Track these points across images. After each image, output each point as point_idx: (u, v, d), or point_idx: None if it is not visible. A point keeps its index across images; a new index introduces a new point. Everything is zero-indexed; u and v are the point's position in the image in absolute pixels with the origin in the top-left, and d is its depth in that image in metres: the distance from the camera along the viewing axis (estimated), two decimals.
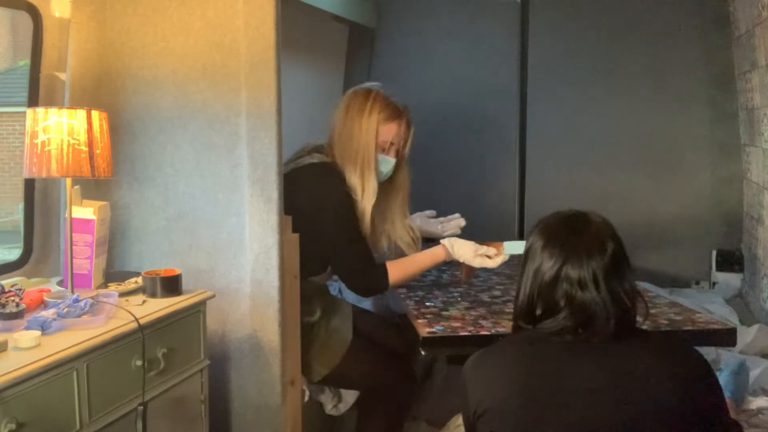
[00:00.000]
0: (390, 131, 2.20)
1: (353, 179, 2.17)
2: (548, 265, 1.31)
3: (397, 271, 2.22)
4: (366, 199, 2.18)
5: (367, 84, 2.29)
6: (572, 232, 1.35)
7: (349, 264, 2.21)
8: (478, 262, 2.21)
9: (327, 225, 2.15)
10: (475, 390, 1.32)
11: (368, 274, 2.21)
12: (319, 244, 2.14)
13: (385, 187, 2.27)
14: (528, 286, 1.34)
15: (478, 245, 2.22)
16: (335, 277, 3.10)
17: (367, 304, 3.05)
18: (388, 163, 2.23)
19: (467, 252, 2.21)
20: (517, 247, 2.19)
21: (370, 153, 2.18)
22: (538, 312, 1.32)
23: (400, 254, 2.34)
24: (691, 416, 1.24)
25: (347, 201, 2.16)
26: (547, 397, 1.24)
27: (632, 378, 1.25)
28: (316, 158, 2.23)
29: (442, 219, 2.64)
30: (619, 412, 1.23)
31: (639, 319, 1.35)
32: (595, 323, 1.27)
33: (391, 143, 2.22)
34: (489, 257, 2.21)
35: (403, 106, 2.24)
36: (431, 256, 2.27)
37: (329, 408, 2.40)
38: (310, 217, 2.11)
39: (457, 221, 2.62)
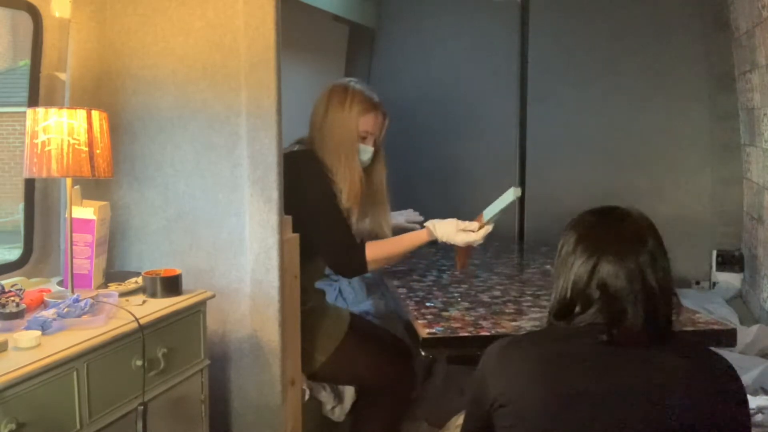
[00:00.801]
0: (368, 122, 2.30)
1: (339, 169, 2.25)
2: (581, 261, 1.28)
3: (376, 249, 2.25)
4: (352, 187, 2.25)
5: (344, 79, 2.41)
6: (607, 227, 1.31)
7: (327, 241, 2.25)
8: (461, 238, 2.21)
9: (306, 206, 2.20)
10: (497, 381, 1.28)
11: (345, 251, 2.25)
12: (302, 227, 2.16)
13: (365, 177, 2.33)
14: (561, 283, 1.31)
15: (459, 222, 2.23)
16: (333, 277, 3.11)
17: (367, 305, 3.05)
18: (366, 151, 2.32)
19: (449, 229, 2.23)
20: (495, 207, 2.19)
21: (353, 143, 2.27)
22: (577, 310, 1.28)
23: None
24: (718, 430, 1.22)
25: (323, 183, 2.24)
26: (572, 397, 1.21)
27: (662, 386, 1.21)
28: (296, 148, 2.32)
29: (395, 212, 2.68)
30: (645, 419, 1.20)
31: (673, 319, 1.30)
32: (625, 318, 1.24)
33: (370, 133, 2.31)
34: (473, 231, 2.21)
35: (378, 99, 2.35)
36: (413, 236, 2.31)
37: (328, 408, 2.39)
38: (291, 202, 2.14)
39: (413, 214, 2.70)
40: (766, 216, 3.21)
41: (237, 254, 2.04)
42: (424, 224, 2.30)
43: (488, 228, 2.22)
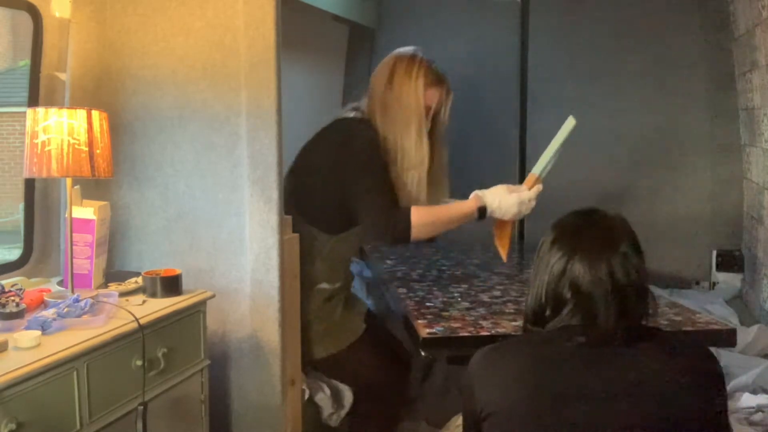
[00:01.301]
0: (433, 96, 2.20)
1: (399, 141, 2.14)
2: (555, 259, 1.29)
3: (421, 213, 2.11)
4: (424, 159, 2.14)
5: (410, 48, 2.27)
6: (583, 228, 1.33)
7: (370, 204, 2.11)
8: (513, 199, 2.11)
9: (354, 169, 2.11)
10: (482, 391, 1.30)
11: (389, 213, 2.10)
12: (346, 192, 2.11)
13: None
14: (536, 284, 1.33)
15: (508, 185, 2.13)
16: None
17: (367, 305, 3.05)
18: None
19: (499, 191, 2.13)
20: (547, 155, 2.13)
21: (421, 115, 2.15)
22: (548, 313, 1.30)
23: None
24: (699, 424, 1.24)
25: (374, 149, 2.12)
26: (556, 401, 1.22)
27: (643, 384, 1.23)
28: (352, 114, 2.23)
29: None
30: (629, 418, 1.21)
31: (649, 319, 1.32)
32: (598, 318, 1.25)
33: (431, 108, 2.20)
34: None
35: (443, 73, 2.25)
36: (461, 204, 2.18)
37: (326, 415, 2.37)
38: (338, 166, 2.10)
39: None
40: (766, 216, 3.21)
41: (237, 254, 2.04)
42: (471, 195, 2.19)
43: (539, 187, 2.13)
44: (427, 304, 2.23)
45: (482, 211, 2.13)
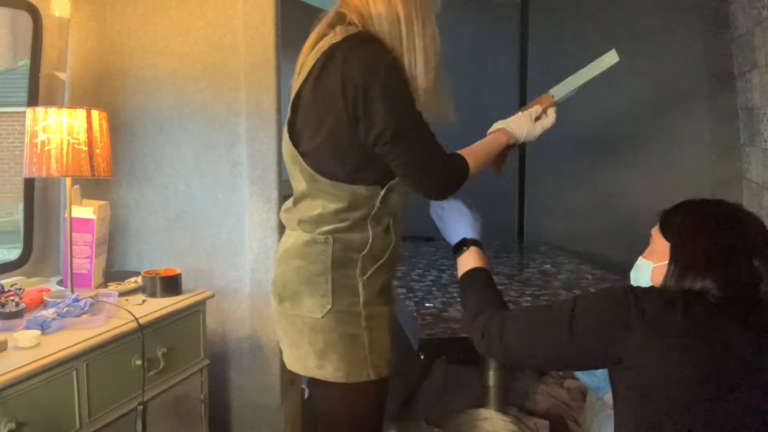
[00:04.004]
0: None
1: (413, 39, 1.64)
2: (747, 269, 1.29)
3: (472, 158, 1.74)
4: (441, 54, 1.70)
5: None
6: (735, 225, 1.36)
7: (417, 149, 1.62)
8: (539, 129, 1.95)
9: (380, 105, 1.54)
10: (641, 342, 1.24)
11: (444, 159, 1.68)
12: (370, 136, 1.54)
13: None
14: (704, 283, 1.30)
15: (524, 112, 1.92)
16: None
17: None
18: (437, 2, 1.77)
19: (524, 122, 1.95)
20: (566, 89, 2.04)
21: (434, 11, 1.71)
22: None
23: None
24: None
25: (397, 70, 1.57)
26: (722, 378, 1.21)
27: None
28: (351, 30, 1.60)
29: None
30: None
31: None
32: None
33: None
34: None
35: None
36: (492, 142, 1.89)
37: None
38: (353, 103, 1.52)
39: None
40: (766, 216, 3.21)
41: (237, 254, 2.05)
42: (493, 128, 1.91)
43: (554, 109, 2.00)
44: (427, 304, 2.23)
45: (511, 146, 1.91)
